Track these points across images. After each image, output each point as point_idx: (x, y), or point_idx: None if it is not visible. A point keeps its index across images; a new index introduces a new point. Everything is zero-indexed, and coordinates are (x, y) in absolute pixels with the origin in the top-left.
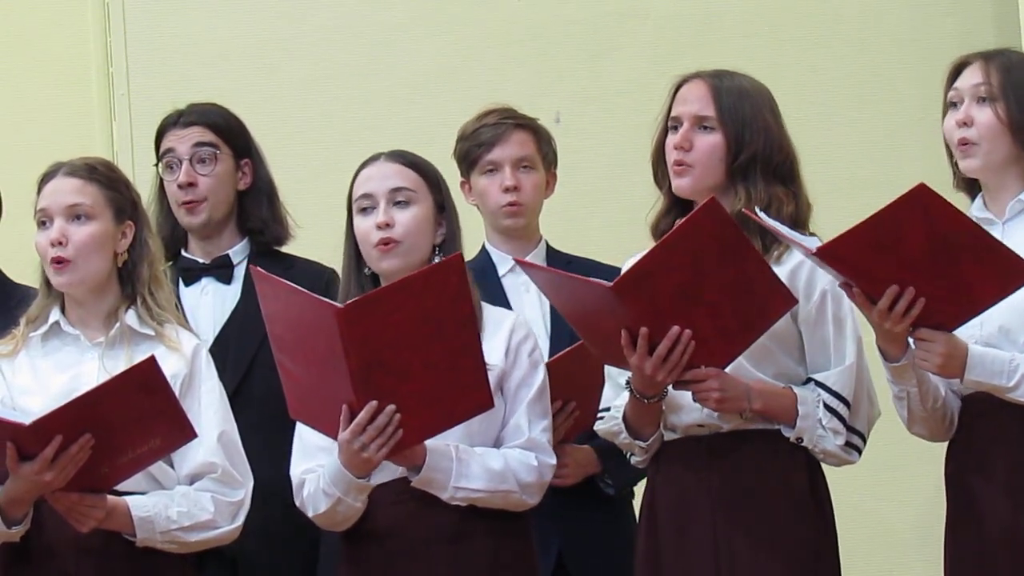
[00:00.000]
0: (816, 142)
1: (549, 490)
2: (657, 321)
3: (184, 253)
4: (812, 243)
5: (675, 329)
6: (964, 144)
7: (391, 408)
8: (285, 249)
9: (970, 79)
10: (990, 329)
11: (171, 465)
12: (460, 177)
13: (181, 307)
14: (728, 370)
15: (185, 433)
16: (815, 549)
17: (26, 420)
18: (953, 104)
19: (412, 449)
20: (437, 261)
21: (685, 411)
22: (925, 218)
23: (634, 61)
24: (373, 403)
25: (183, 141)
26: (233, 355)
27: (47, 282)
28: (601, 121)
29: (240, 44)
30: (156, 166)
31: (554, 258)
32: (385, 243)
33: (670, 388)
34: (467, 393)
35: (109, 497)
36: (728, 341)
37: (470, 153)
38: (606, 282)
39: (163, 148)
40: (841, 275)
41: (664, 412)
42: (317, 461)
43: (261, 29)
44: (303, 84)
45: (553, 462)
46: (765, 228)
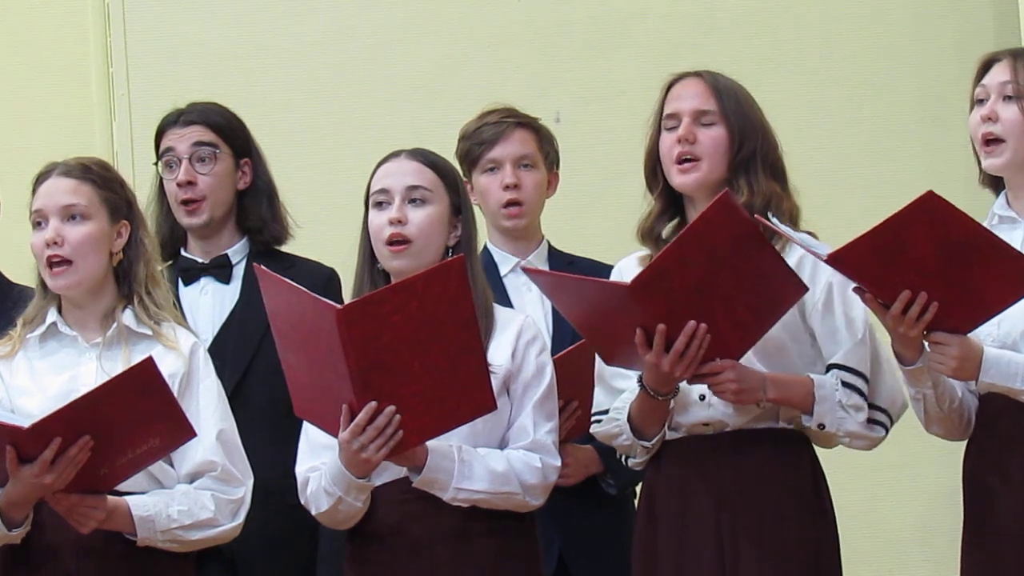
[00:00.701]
0: (816, 142)
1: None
2: (673, 317)
3: (183, 253)
4: (822, 249)
5: (691, 324)
6: (988, 141)
7: (391, 409)
8: (284, 249)
9: (998, 76)
10: (1007, 328)
11: (171, 464)
12: (462, 177)
13: (180, 306)
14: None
15: (184, 433)
16: (818, 549)
17: (25, 423)
18: (980, 101)
19: (413, 450)
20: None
21: (691, 410)
22: (933, 225)
23: (634, 61)
24: (372, 404)
25: (183, 140)
26: (232, 355)
27: (43, 283)
28: (601, 121)
29: (240, 44)
30: (156, 165)
31: (556, 258)
32: (395, 240)
33: (681, 384)
34: (469, 395)
35: (109, 497)
36: (742, 332)
37: (471, 152)
38: (621, 282)
39: (163, 147)
40: (853, 280)
41: (670, 412)
42: (322, 459)
43: (261, 29)
44: (303, 84)
45: (558, 464)
46: (777, 233)
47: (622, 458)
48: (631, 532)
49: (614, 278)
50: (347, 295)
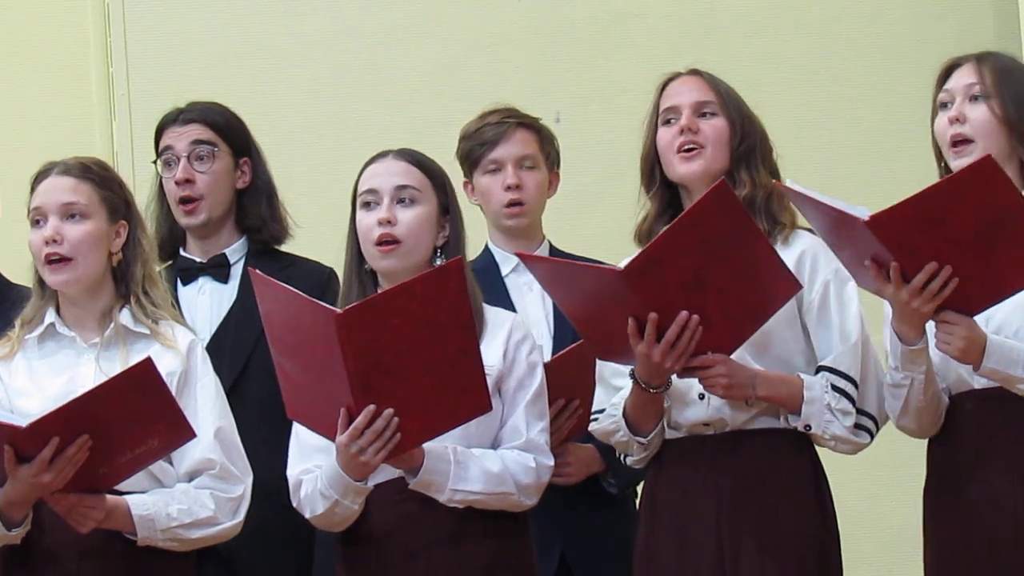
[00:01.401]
0: (816, 142)
1: (552, 489)
2: (665, 307)
3: (182, 252)
4: (860, 211)
5: (683, 314)
6: (958, 143)
7: (389, 412)
8: (284, 248)
9: (963, 79)
10: (996, 325)
11: (170, 463)
12: (463, 177)
13: (178, 305)
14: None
15: (184, 433)
16: (819, 548)
17: (23, 422)
18: (944, 105)
19: (410, 452)
20: (437, 263)
21: (691, 408)
22: (984, 192)
23: (634, 61)
24: (371, 407)
25: (181, 138)
26: (229, 354)
27: (40, 282)
28: (601, 121)
29: (240, 44)
30: (155, 163)
31: (558, 257)
32: (384, 241)
33: (674, 379)
34: (465, 396)
35: (108, 497)
36: (734, 327)
37: (472, 152)
38: (616, 267)
39: (162, 145)
40: (881, 247)
41: (669, 410)
42: (314, 461)
43: (261, 29)
44: (303, 84)
45: (551, 463)
46: (800, 204)
47: (621, 456)
48: (633, 531)
49: None
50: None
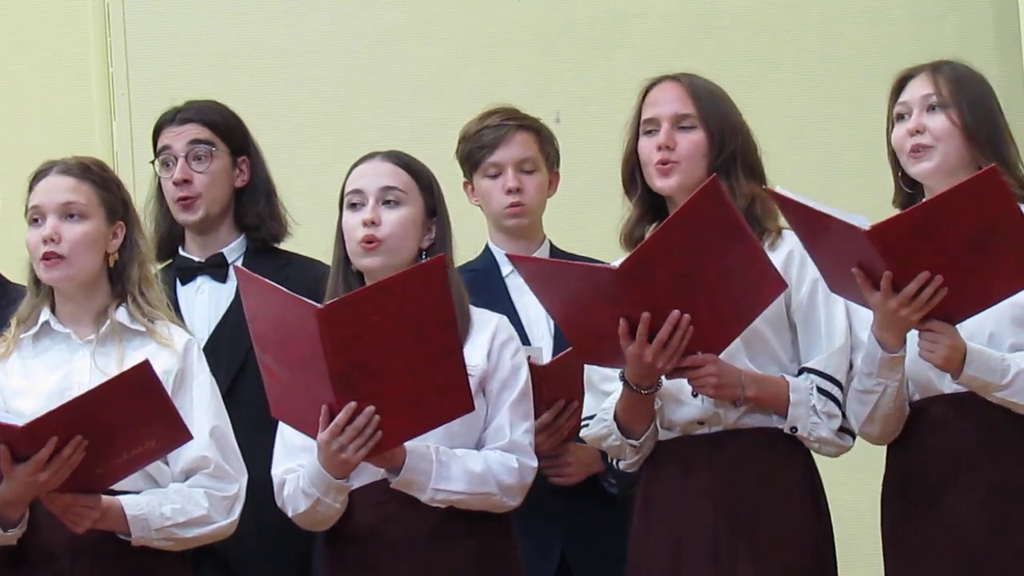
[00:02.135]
0: (816, 142)
1: (552, 489)
2: (656, 306)
3: (181, 251)
4: (860, 221)
5: (675, 313)
6: (917, 150)
7: (370, 409)
8: (283, 246)
9: (919, 90)
10: (967, 333)
11: (165, 462)
12: (463, 178)
13: (174, 306)
14: (725, 357)
15: (180, 435)
16: (814, 548)
17: (19, 422)
18: (900, 116)
19: (392, 451)
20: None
21: (684, 407)
22: (984, 202)
23: (634, 61)
24: (352, 404)
25: (179, 138)
26: (227, 354)
27: (36, 281)
28: (601, 121)
29: (240, 44)
30: (153, 163)
31: (558, 257)
32: (369, 241)
33: (664, 380)
34: (448, 395)
35: (103, 497)
36: (723, 327)
37: (472, 155)
38: (609, 266)
39: (159, 145)
40: (877, 256)
41: (661, 409)
42: (299, 461)
43: (261, 29)
44: (303, 84)
45: (534, 465)
46: (787, 210)
47: (614, 462)
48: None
49: None
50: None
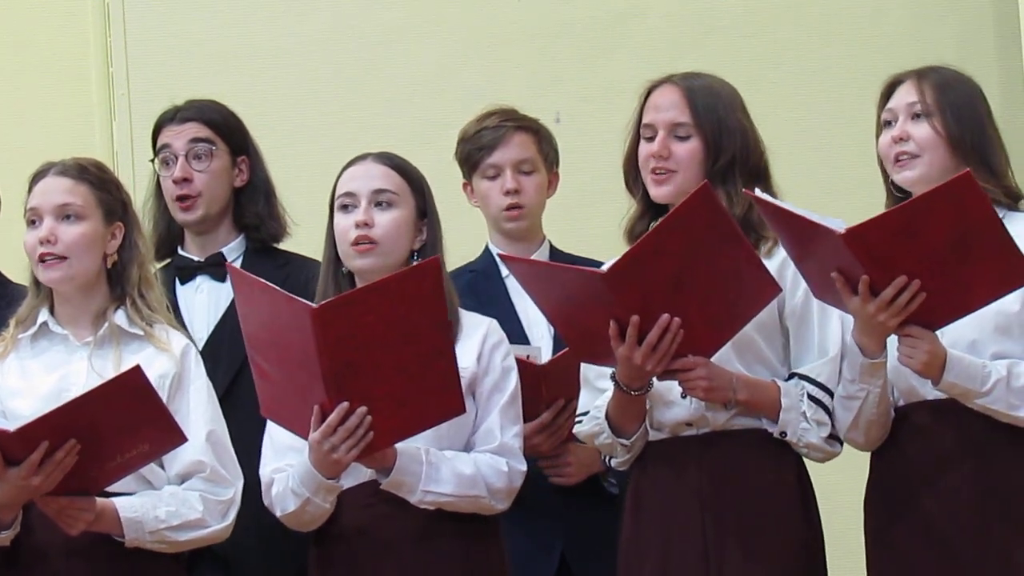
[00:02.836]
0: (816, 142)
1: (552, 489)
2: (647, 310)
3: (180, 251)
4: (837, 224)
5: (665, 317)
6: (901, 158)
7: (362, 410)
8: (282, 246)
9: (904, 97)
10: (951, 340)
11: (161, 466)
12: (462, 179)
13: (173, 307)
14: (715, 362)
15: (174, 438)
16: (803, 548)
17: (10, 427)
18: (887, 123)
19: (382, 452)
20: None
21: (673, 408)
22: (961, 207)
23: (634, 61)
24: (344, 404)
25: (179, 137)
26: (226, 353)
27: (36, 282)
28: (601, 121)
29: (240, 44)
30: (152, 161)
31: (557, 258)
32: (362, 242)
33: (655, 381)
34: (439, 397)
35: (97, 499)
36: (715, 330)
37: (471, 156)
38: (597, 269)
39: (159, 144)
40: (854, 260)
41: (651, 410)
42: (287, 460)
43: (261, 29)
44: (303, 84)
45: (523, 468)
46: (768, 214)
47: (606, 459)
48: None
49: None
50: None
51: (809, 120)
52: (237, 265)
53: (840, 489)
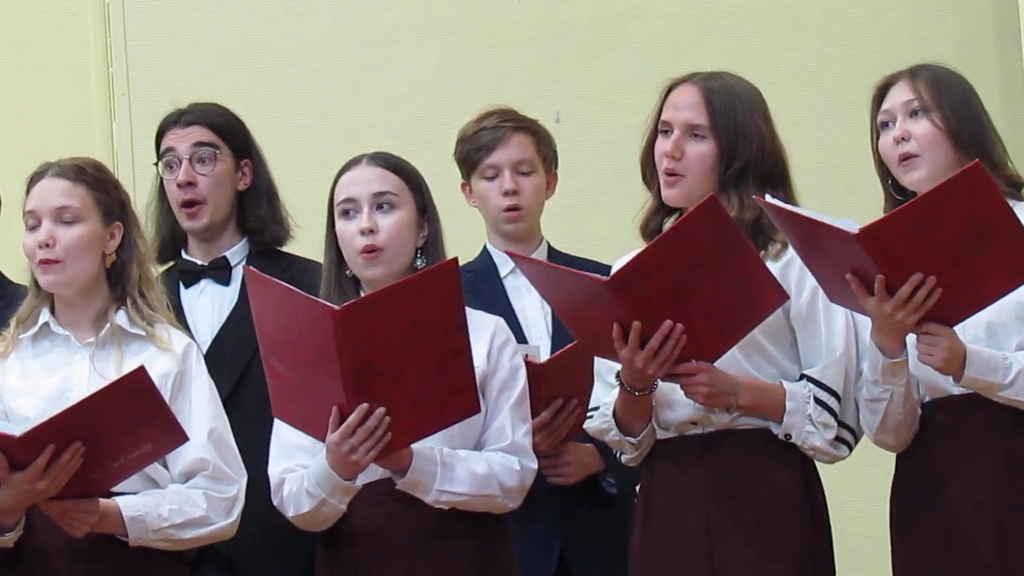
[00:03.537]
0: (816, 142)
1: (552, 489)
2: (649, 315)
3: (183, 254)
4: (849, 224)
5: (667, 323)
6: (906, 159)
7: (381, 411)
8: (284, 249)
9: (900, 96)
10: (979, 329)
11: (164, 465)
12: (461, 179)
13: (174, 308)
14: (721, 364)
15: (176, 437)
16: (809, 548)
17: (16, 431)
18: (885, 124)
19: (399, 452)
20: (424, 265)
21: (678, 408)
22: (973, 198)
23: (634, 61)
24: (364, 405)
25: (183, 140)
26: (231, 356)
27: (36, 282)
28: (601, 121)
29: (240, 44)
30: (156, 165)
31: (555, 258)
32: (369, 250)
33: (660, 382)
34: (455, 397)
35: (100, 500)
36: (719, 335)
37: (470, 156)
38: (601, 276)
39: (163, 147)
40: (869, 260)
41: (657, 409)
42: (296, 460)
43: (261, 29)
44: (303, 84)
45: (535, 466)
46: (779, 220)
47: (617, 454)
48: (631, 531)
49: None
50: None
51: (809, 120)
52: (241, 269)
53: (840, 489)
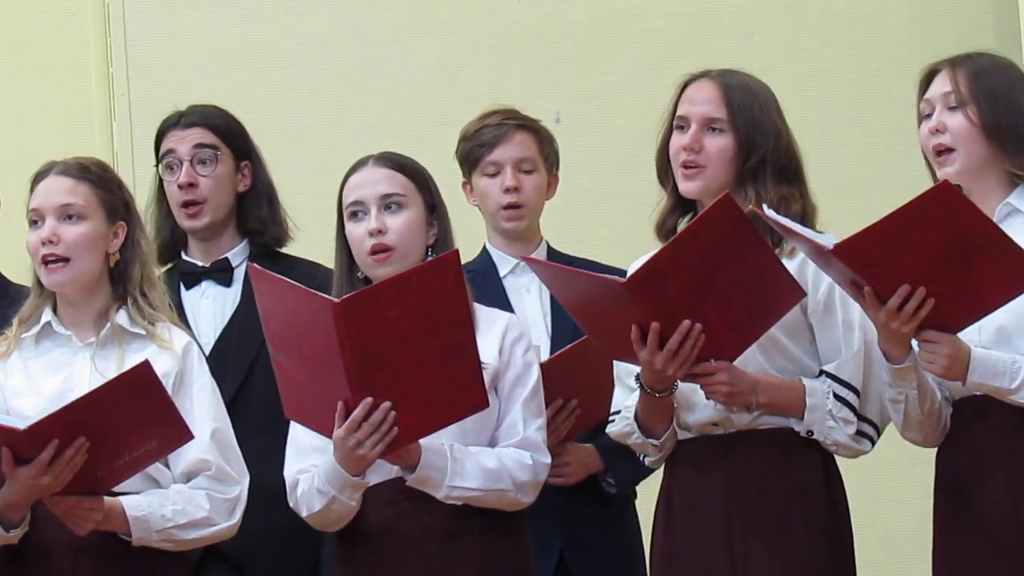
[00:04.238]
0: (816, 142)
1: (551, 489)
2: (667, 316)
3: (184, 256)
4: (827, 239)
5: (686, 323)
6: (940, 152)
7: (386, 405)
8: (284, 250)
9: (940, 87)
10: (988, 333)
11: (166, 465)
12: (462, 178)
13: (176, 308)
14: (740, 361)
15: (182, 435)
16: (830, 549)
17: (20, 424)
18: (927, 115)
19: (407, 448)
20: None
21: (698, 409)
22: (946, 216)
23: (634, 61)
24: (368, 399)
25: (184, 142)
26: (234, 358)
27: (39, 282)
28: (601, 121)
29: (240, 45)
30: (156, 167)
31: (555, 259)
32: (379, 250)
33: (680, 383)
34: (462, 392)
35: (105, 498)
36: (737, 334)
37: (472, 154)
38: (617, 278)
39: (163, 149)
40: (853, 272)
41: (677, 410)
42: (311, 461)
43: (261, 30)
44: (303, 85)
45: (548, 461)
46: (775, 225)
47: (641, 457)
48: (631, 532)
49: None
50: None
51: (809, 120)
52: (242, 270)
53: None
